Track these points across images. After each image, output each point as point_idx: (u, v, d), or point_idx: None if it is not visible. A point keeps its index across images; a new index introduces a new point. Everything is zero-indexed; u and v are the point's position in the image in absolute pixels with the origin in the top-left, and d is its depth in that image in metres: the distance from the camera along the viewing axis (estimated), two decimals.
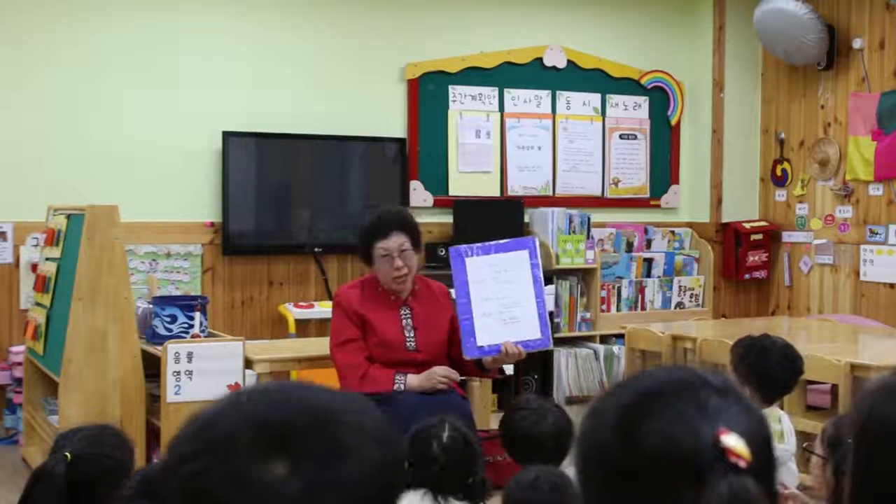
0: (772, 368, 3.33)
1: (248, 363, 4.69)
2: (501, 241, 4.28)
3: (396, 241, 4.13)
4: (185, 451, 0.94)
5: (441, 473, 2.74)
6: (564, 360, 6.82)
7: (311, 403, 0.97)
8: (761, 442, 1.03)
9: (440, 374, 4.08)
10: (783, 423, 3.37)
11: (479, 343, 4.10)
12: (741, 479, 0.97)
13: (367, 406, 1.02)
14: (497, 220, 6.86)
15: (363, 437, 0.95)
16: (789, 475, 3.19)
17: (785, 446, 3.25)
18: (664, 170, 7.66)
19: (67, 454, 2.26)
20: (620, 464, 1.03)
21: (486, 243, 4.23)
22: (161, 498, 0.96)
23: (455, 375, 4.14)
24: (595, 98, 7.39)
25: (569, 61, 7.27)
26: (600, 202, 7.41)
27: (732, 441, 0.99)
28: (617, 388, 1.10)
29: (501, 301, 4.13)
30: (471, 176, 7.00)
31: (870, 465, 1.14)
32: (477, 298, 4.12)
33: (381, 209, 4.32)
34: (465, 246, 4.23)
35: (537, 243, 4.27)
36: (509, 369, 4.94)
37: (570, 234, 6.92)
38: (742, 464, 0.98)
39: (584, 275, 7.00)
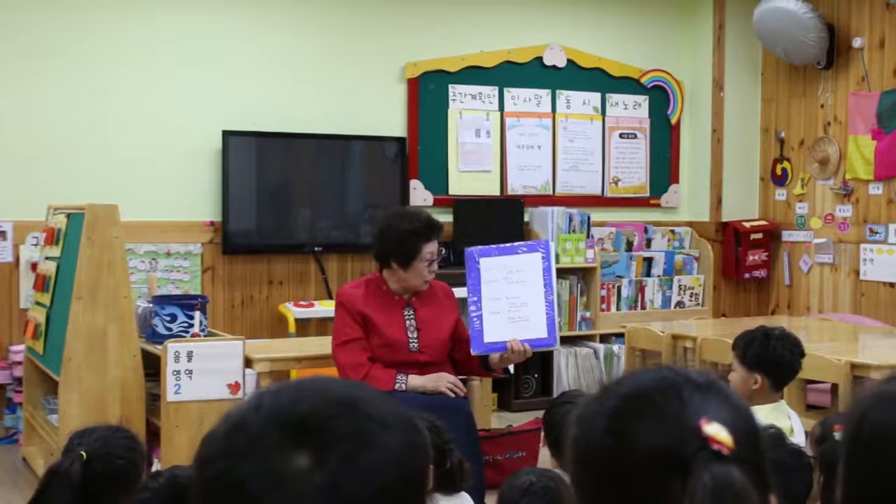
0: (779, 353, 3.47)
1: (248, 362, 4.69)
2: (516, 244, 4.32)
3: (436, 245, 4.16)
4: (213, 451, 0.98)
5: None
6: (564, 360, 6.82)
7: (331, 394, 0.99)
8: (746, 432, 1.04)
9: (449, 380, 4.10)
10: (792, 420, 3.44)
11: (487, 339, 4.14)
12: (725, 466, 0.98)
13: (385, 395, 1.04)
14: (497, 219, 6.87)
15: (385, 426, 0.97)
16: None
17: (793, 440, 3.28)
18: (664, 169, 7.66)
19: (83, 453, 2.27)
20: (611, 465, 1.04)
21: (501, 245, 4.26)
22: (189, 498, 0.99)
23: (462, 391, 4.14)
24: (595, 97, 7.39)
25: (569, 60, 7.27)
26: (600, 201, 7.41)
27: (714, 429, 1.00)
28: (602, 393, 1.10)
29: (511, 301, 4.16)
30: (471, 175, 7.00)
31: (862, 471, 1.15)
32: (487, 297, 4.16)
33: (412, 211, 4.33)
34: (479, 247, 4.26)
35: (551, 247, 4.28)
36: (511, 368, 4.94)
37: (570, 233, 6.92)
38: (725, 451, 0.99)
39: (584, 274, 7.00)
